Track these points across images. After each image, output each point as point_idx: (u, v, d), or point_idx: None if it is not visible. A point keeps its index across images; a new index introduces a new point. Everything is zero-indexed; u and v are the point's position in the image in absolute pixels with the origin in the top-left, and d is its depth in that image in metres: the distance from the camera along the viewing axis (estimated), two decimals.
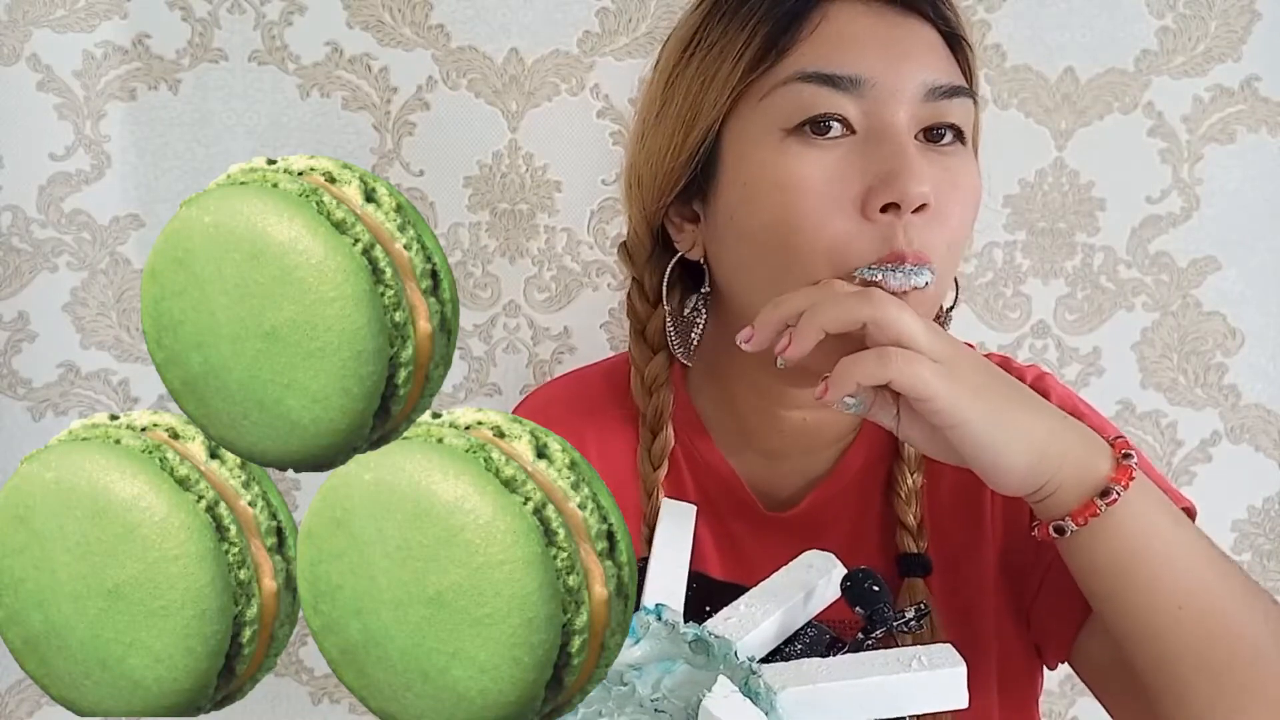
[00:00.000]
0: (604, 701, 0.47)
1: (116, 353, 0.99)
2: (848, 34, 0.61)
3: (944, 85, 0.61)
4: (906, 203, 0.58)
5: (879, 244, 0.59)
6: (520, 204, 0.98)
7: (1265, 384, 1.03)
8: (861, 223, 0.59)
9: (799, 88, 0.61)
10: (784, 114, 0.61)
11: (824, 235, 0.60)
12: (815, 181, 0.60)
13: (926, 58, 0.62)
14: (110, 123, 0.95)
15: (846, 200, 0.59)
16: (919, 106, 0.61)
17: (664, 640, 0.51)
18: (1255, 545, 1.05)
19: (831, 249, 0.60)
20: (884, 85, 0.60)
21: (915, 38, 0.62)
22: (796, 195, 0.60)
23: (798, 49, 0.61)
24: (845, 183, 0.60)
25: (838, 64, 0.60)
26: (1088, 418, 0.70)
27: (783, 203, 0.60)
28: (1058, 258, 1.00)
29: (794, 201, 0.60)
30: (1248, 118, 0.98)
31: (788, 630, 0.54)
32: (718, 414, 0.71)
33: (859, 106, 0.60)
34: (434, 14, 0.94)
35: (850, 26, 0.61)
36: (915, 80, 0.60)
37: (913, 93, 0.60)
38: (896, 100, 0.60)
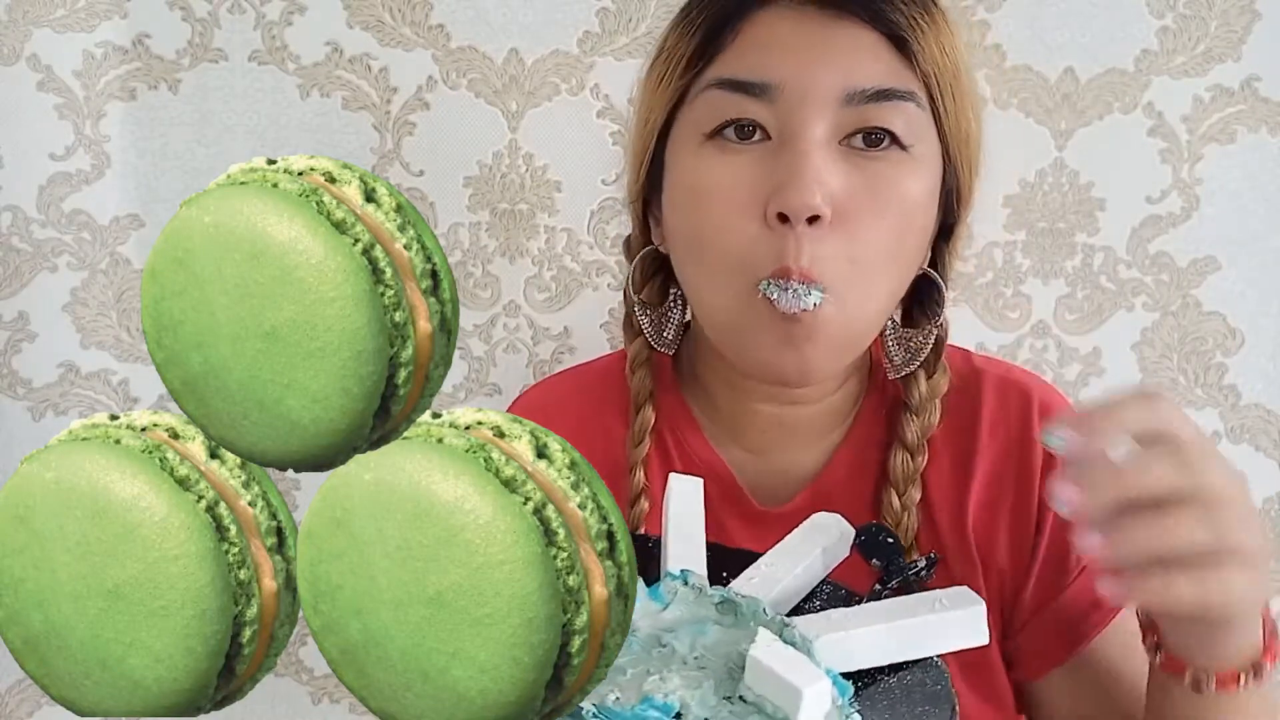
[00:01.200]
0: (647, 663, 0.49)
1: (116, 353, 0.99)
2: (767, 40, 0.61)
3: (868, 89, 0.59)
4: (794, 214, 0.57)
5: (774, 256, 0.59)
6: (520, 204, 0.98)
7: (1265, 384, 1.03)
8: (764, 230, 0.59)
9: (715, 94, 0.61)
10: (703, 120, 0.62)
11: (729, 241, 0.60)
12: (723, 186, 0.60)
13: (849, 61, 0.60)
14: (110, 123, 0.95)
15: (750, 206, 0.59)
16: (839, 112, 0.59)
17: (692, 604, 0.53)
18: None
19: (737, 257, 0.60)
20: (794, 91, 0.59)
21: (841, 41, 0.60)
22: (706, 199, 0.61)
23: (722, 56, 0.62)
24: (750, 188, 0.60)
25: (749, 70, 0.60)
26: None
27: (695, 207, 0.62)
28: (1058, 258, 1.00)
29: (704, 206, 0.61)
30: (1248, 118, 0.98)
31: (808, 586, 0.56)
32: (703, 408, 0.72)
33: (772, 112, 0.60)
34: (434, 14, 0.94)
35: (771, 32, 0.61)
36: (832, 85, 0.59)
37: (828, 99, 0.59)
38: (807, 106, 0.59)
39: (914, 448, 0.68)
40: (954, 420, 0.70)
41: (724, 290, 0.61)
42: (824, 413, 0.70)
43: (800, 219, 0.57)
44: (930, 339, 0.68)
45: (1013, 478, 0.68)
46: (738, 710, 0.46)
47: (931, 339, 0.68)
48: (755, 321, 0.60)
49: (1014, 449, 0.68)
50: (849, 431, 0.71)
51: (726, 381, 0.70)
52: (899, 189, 0.60)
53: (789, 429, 0.70)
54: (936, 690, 0.50)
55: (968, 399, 0.70)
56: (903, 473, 0.68)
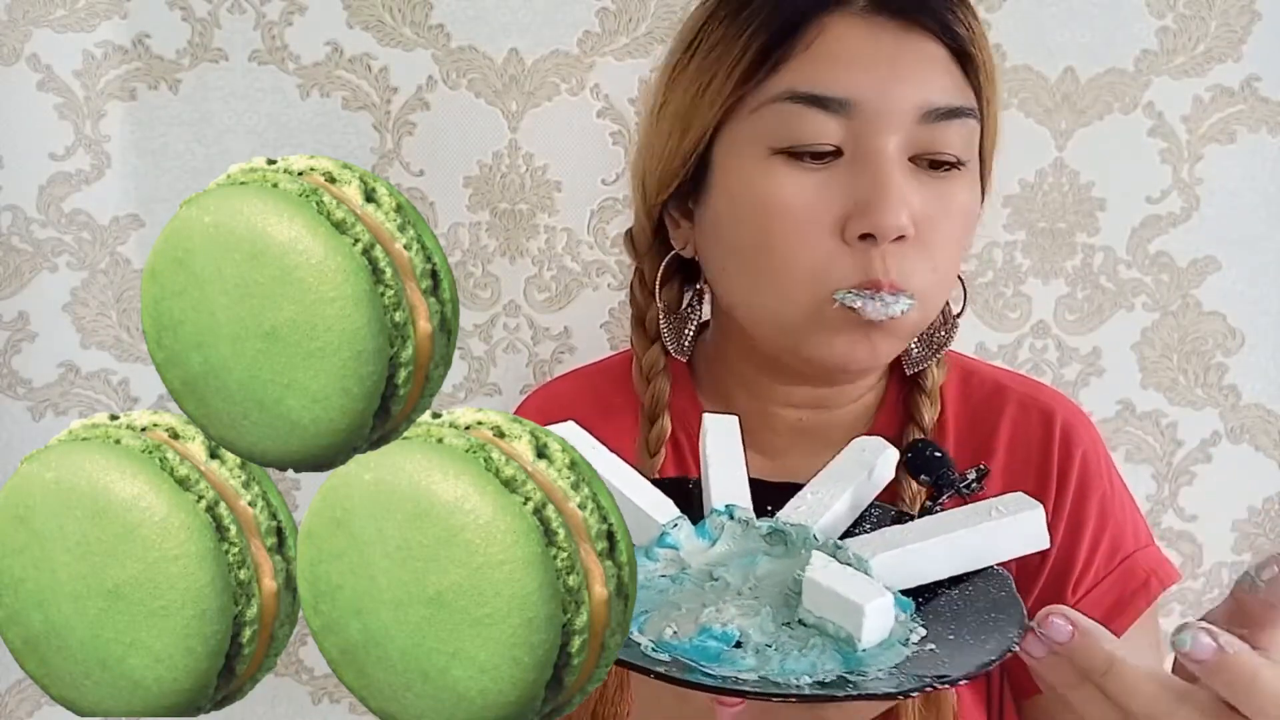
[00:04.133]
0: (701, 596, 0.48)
1: (116, 353, 0.99)
2: (842, 51, 0.60)
3: (941, 107, 0.59)
4: (882, 235, 0.58)
5: (857, 270, 0.59)
6: (520, 204, 0.98)
7: (1265, 384, 1.03)
8: (841, 246, 0.59)
9: (788, 107, 0.59)
10: (772, 132, 0.60)
11: (802, 258, 0.60)
12: (797, 204, 0.59)
13: (924, 77, 0.60)
14: (110, 123, 0.95)
15: (827, 223, 0.59)
16: (913, 129, 0.59)
17: (740, 537, 0.52)
18: (1255, 545, 1.05)
19: (811, 271, 0.59)
20: (873, 108, 0.58)
21: (914, 55, 0.60)
22: (777, 217, 0.60)
23: (791, 64, 0.60)
24: (826, 206, 0.59)
25: (828, 84, 0.59)
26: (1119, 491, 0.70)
27: (764, 223, 0.60)
28: (1058, 258, 1.00)
29: (774, 223, 0.60)
30: (1248, 118, 0.98)
31: (857, 509, 0.55)
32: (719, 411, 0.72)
33: (847, 128, 0.59)
34: (434, 14, 0.94)
35: (845, 43, 0.60)
36: (908, 103, 0.59)
37: (905, 115, 0.59)
38: (885, 124, 0.59)
39: (927, 429, 0.69)
40: (972, 434, 0.70)
41: (792, 300, 0.60)
42: (844, 418, 0.71)
43: (887, 239, 0.58)
44: (951, 333, 0.69)
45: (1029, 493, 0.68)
46: (799, 634, 0.45)
47: (953, 333, 0.69)
48: (829, 327, 0.60)
49: (1031, 466, 0.69)
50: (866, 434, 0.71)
51: (749, 386, 0.69)
52: (962, 204, 0.62)
53: (807, 434, 0.70)
54: (1002, 596, 0.48)
55: (989, 414, 0.71)
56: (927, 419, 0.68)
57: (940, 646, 0.45)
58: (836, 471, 0.55)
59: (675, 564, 0.50)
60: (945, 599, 0.49)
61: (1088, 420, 0.72)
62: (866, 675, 0.43)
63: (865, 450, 0.56)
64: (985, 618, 0.46)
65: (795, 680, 0.42)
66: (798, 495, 0.54)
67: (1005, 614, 0.46)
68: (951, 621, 0.47)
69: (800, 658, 0.44)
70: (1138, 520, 0.71)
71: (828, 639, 0.45)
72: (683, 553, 0.51)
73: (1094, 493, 0.68)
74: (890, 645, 0.45)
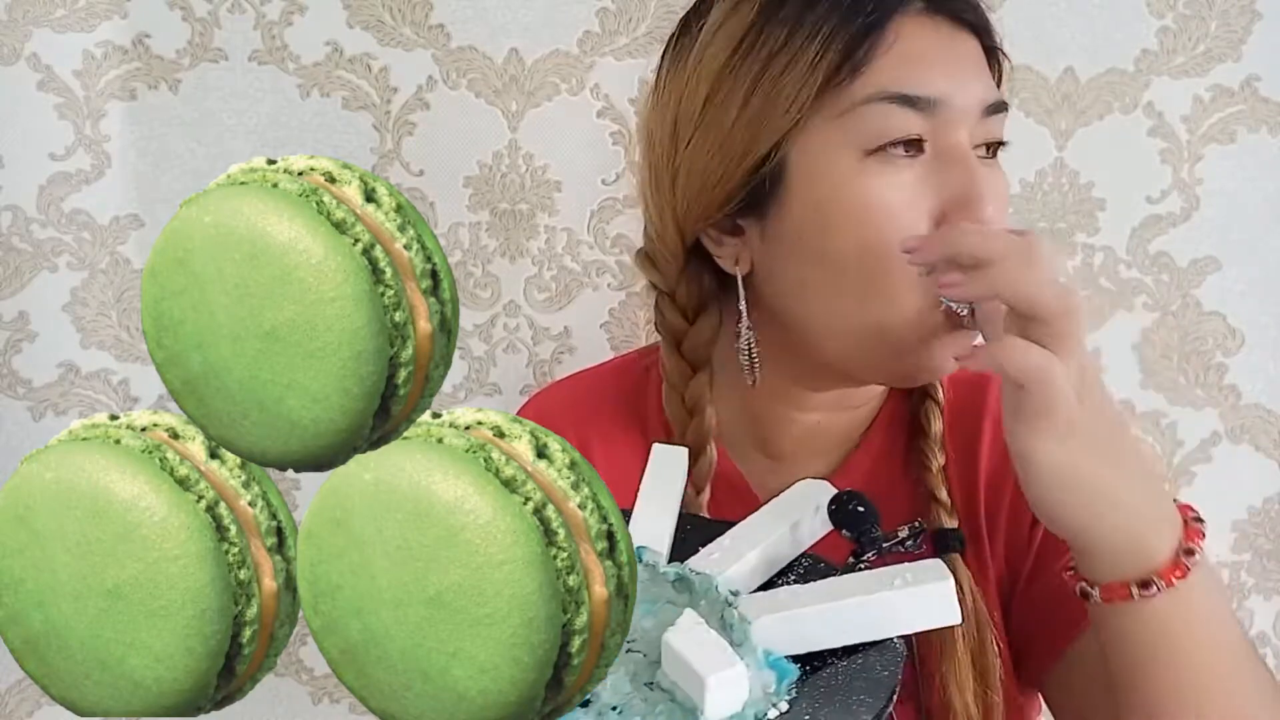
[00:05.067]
0: None
1: (116, 353, 0.99)
2: (922, 52, 0.60)
3: (994, 102, 0.62)
4: (985, 224, 0.59)
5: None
6: (520, 204, 0.98)
7: (1265, 384, 1.03)
8: None
9: (881, 108, 0.59)
10: (864, 134, 0.59)
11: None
12: (898, 205, 0.59)
13: (982, 74, 0.63)
14: (110, 123, 0.95)
15: (923, 221, 0.59)
16: (977, 124, 0.61)
17: (645, 582, 0.49)
18: (1255, 545, 1.05)
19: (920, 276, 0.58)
20: (953, 105, 0.60)
21: (971, 53, 0.63)
22: (881, 218, 0.59)
23: (875, 65, 0.59)
24: (922, 204, 0.59)
25: (916, 84, 0.59)
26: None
27: (866, 226, 0.59)
28: (1058, 257, 1.00)
29: (879, 224, 0.59)
30: (1248, 118, 0.98)
31: (775, 563, 0.52)
32: (728, 418, 0.71)
33: (929, 125, 0.60)
34: (434, 14, 0.94)
35: (922, 43, 0.61)
36: (977, 98, 0.61)
37: (973, 110, 0.61)
38: (962, 119, 0.60)
39: (942, 404, 0.69)
40: (960, 422, 0.71)
41: (903, 305, 0.59)
42: (856, 417, 0.71)
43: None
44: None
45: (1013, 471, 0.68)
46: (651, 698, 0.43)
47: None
48: (936, 332, 0.60)
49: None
50: (866, 434, 0.71)
51: (770, 390, 0.68)
52: (1007, 191, 0.64)
53: (818, 436, 0.70)
54: (882, 676, 0.44)
55: (974, 397, 0.71)
56: (938, 429, 0.69)
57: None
58: (761, 519, 0.53)
59: None
60: (830, 671, 0.45)
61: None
62: None
63: (803, 497, 0.54)
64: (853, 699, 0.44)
65: None
66: (715, 541, 0.52)
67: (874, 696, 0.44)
68: (824, 697, 0.44)
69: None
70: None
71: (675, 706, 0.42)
72: None
73: None
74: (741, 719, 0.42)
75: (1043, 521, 0.54)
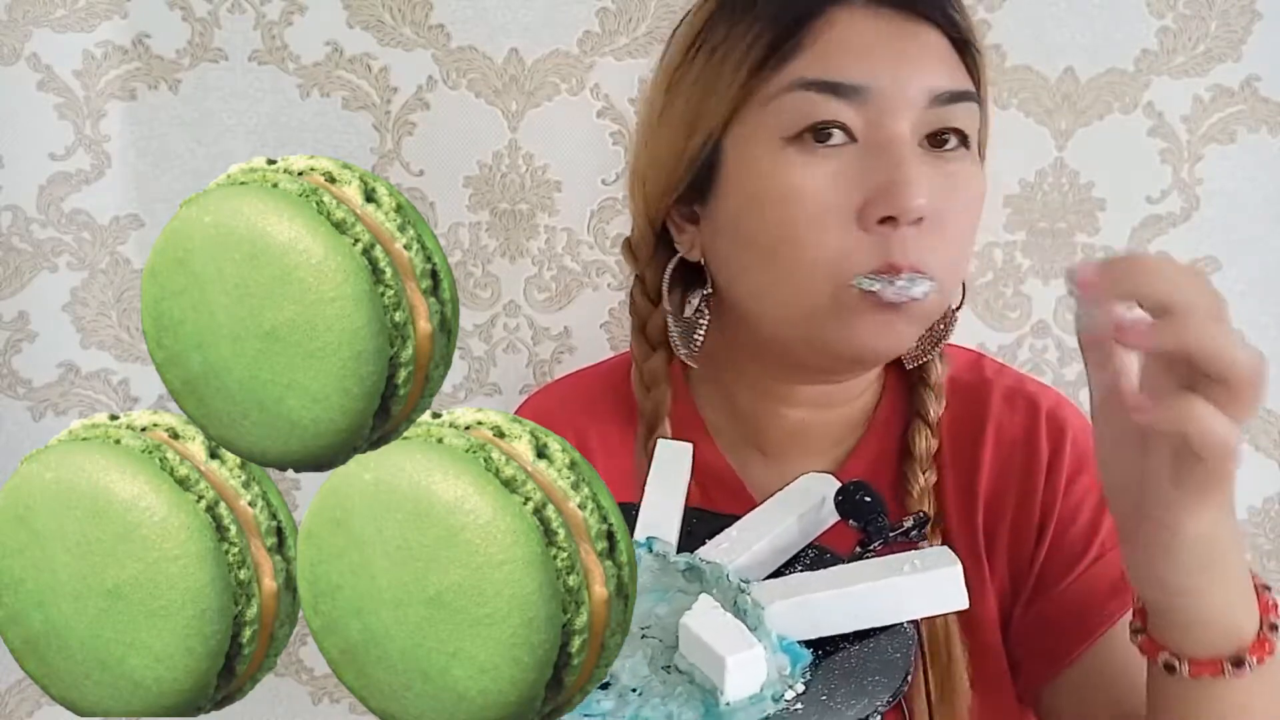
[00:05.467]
0: None
1: (116, 353, 0.99)
2: (852, 40, 0.61)
3: (947, 91, 0.61)
4: (904, 216, 0.58)
5: (875, 255, 0.59)
6: (520, 204, 0.98)
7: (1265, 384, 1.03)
8: (859, 234, 0.59)
9: (801, 95, 0.60)
10: (785, 121, 0.60)
11: (822, 246, 0.60)
12: (814, 192, 0.60)
13: (931, 63, 0.61)
14: (110, 123, 0.95)
15: (845, 211, 0.59)
16: (922, 113, 0.60)
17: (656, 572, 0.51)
18: (1255, 545, 1.05)
19: (830, 260, 0.60)
20: (887, 94, 0.59)
21: (920, 43, 0.62)
22: (795, 205, 0.60)
23: (801, 55, 0.61)
24: (844, 193, 0.59)
25: (841, 71, 0.60)
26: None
27: (782, 213, 0.60)
28: (1058, 258, 1.00)
29: (792, 212, 0.60)
30: (1248, 118, 0.98)
31: (782, 553, 0.53)
32: (719, 415, 0.72)
33: (861, 115, 0.60)
34: (434, 14, 0.94)
35: (854, 32, 0.61)
36: (919, 87, 0.60)
37: (916, 100, 0.60)
38: (899, 109, 0.59)
39: (934, 425, 0.69)
40: (961, 426, 0.70)
41: (813, 289, 0.60)
42: (847, 416, 0.71)
43: (908, 220, 0.58)
44: (951, 325, 0.69)
45: (1016, 481, 0.68)
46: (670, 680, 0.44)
47: (951, 326, 0.69)
48: (850, 313, 0.60)
49: (1018, 452, 0.69)
50: (864, 435, 0.71)
51: (756, 386, 0.69)
52: (973, 186, 0.63)
53: (809, 433, 0.70)
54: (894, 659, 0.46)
55: (976, 405, 0.71)
56: (925, 449, 0.68)
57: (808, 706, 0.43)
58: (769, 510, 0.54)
59: None
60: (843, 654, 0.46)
61: (1074, 406, 0.72)
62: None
63: (808, 490, 0.55)
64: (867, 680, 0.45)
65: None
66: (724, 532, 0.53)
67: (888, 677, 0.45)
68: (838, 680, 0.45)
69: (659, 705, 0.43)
70: None
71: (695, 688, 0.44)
72: None
73: (1088, 473, 0.68)
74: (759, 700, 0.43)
75: (1141, 587, 0.51)
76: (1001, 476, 0.69)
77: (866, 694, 0.44)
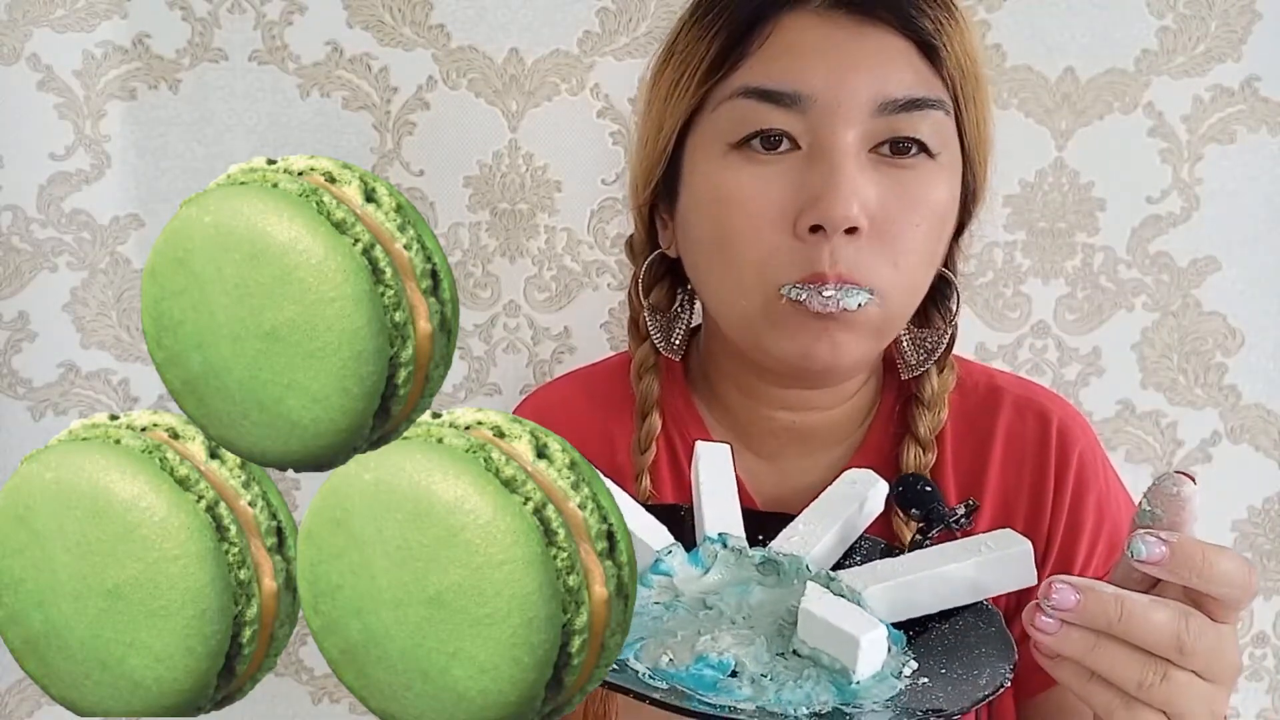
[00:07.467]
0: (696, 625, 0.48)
1: (116, 353, 0.99)
2: (795, 47, 0.60)
3: (900, 99, 0.59)
4: (831, 226, 0.57)
5: (803, 264, 0.59)
6: (520, 204, 0.98)
7: (1265, 384, 1.03)
8: (792, 241, 0.59)
9: (742, 103, 0.60)
10: (729, 128, 0.61)
11: (753, 251, 0.60)
12: (750, 198, 0.60)
13: (882, 70, 0.59)
14: (110, 122, 0.95)
15: (782, 219, 0.59)
16: (871, 121, 0.59)
17: (733, 566, 0.53)
18: (1255, 545, 1.05)
19: (759, 265, 0.60)
20: (825, 101, 0.58)
21: (870, 48, 0.60)
22: (730, 210, 0.60)
23: (747, 62, 0.61)
24: (779, 200, 0.59)
25: (779, 79, 0.59)
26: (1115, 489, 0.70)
27: (719, 217, 0.61)
28: (1058, 258, 1.00)
29: (730, 216, 0.60)
30: (1248, 118, 0.98)
31: (847, 541, 0.56)
32: (713, 412, 0.72)
33: (802, 122, 0.59)
34: (434, 14, 0.94)
35: (799, 39, 0.60)
36: (863, 95, 0.58)
37: (860, 108, 0.58)
38: (838, 117, 0.58)
39: (926, 442, 0.68)
40: (969, 436, 0.70)
41: (747, 295, 0.61)
42: (838, 420, 0.70)
43: (837, 230, 0.58)
44: (945, 338, 0.68)
45: (1026, 493, 0.68)
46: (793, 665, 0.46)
47: (947, 338, 0.68)
48: (782, 321, 0.60)
49: (1028, 466, 0.69)
50: (861, 441, 0.71)
51: (740, 386, 0.70)
52: (931, 196, 0.60)
53: (803, 436, 0.70)
54: (991, 632, 0.48)
55: (985, 416, 0.70)
56: (915, 466, 0.68)
57: (933, 680, 0.45)
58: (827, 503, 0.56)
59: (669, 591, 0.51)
60: (936, 633, 0.49)
61: (1084, 420, 0.72)
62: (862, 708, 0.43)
63: (856, 483, 0.57)
64: (977, 652, 0.47)
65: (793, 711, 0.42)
66: (789, 526, 0.55)
67: (996, 649, 0.47)
68: (943, 656, 0.47)
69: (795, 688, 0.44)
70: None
71: (822, 670, 0.45)
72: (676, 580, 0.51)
73: (1091, 492, 0.68)
74: (884, 678, 0.45)
75: None
76: (1010, 489, 0.69)
77: (984, 665, 0.46)
